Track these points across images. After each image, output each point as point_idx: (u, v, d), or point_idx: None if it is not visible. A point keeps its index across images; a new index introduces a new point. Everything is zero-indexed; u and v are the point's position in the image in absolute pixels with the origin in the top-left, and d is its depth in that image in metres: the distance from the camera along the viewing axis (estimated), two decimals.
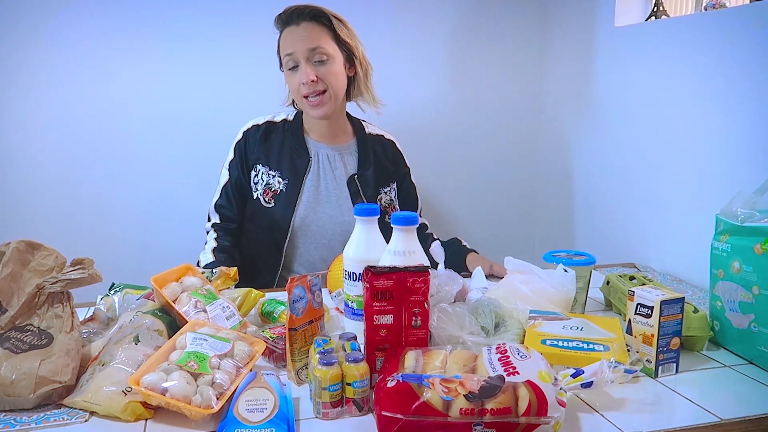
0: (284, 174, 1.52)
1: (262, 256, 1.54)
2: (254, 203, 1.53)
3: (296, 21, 1.47)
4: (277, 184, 1.51)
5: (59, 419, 0.85)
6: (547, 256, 1.27)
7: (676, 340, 0.98)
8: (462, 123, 2.18)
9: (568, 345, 0.98)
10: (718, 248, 1.09)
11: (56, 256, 0.98)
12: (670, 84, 1.60)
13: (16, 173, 1.85)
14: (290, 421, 0.82)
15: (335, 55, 1.48)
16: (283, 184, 1.51)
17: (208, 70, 1.92)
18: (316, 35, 1.46)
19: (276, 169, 1.53)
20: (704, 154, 1.49)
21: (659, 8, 1.74)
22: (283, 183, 1.51)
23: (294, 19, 1.47)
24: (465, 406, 0.76)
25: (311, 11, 1.47)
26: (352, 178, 1.55)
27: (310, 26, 1.47)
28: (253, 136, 1.56)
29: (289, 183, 1.52)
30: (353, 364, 0.86)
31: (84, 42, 1.83)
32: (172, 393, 0.83)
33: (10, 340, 0.90)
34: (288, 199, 1.51)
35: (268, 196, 1.52)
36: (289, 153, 1.54)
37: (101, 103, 1.87)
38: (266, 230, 1.52)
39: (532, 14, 2.16)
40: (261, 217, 1.53)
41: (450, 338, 1.00)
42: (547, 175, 2.23)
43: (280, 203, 1.51)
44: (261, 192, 1.52)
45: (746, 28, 1.37)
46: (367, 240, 1.09)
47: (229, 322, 1.06)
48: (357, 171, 1.56)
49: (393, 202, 1.62)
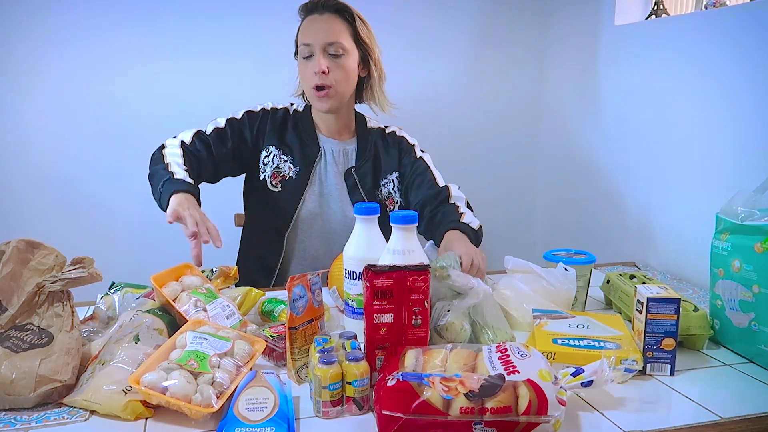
0: (296, 161, 1.52)
1: (263, 243, 1.53)
2: (259, 184, 1.52)
3: (320, 11, 1.47)
4: (288, 170, 1.51)
5: (59, 418, 0.85)
6: (548, 254, 1.27)
7: (670, 341, 0.97)
8: (462, 122, 2.18)
9: (579, 344, 0.98)
10: (719, 247, 1.09)
11: (56, 255, 0.98)
12: (670, 82, 1.60)
13: (16, 172, 1.85)
14: (290, 420, 0.82)
15: (351, 51, 1.48)
16: (293, 171, 1.51)
17: (209, 69, 1.93)
18: (337, 29, 1.46)
19: (288, 155, 1.52)
20: (704, 153, 1.49)
21: (659, 7, 1.74)
22: (294, 170, 1.51)
23: (318, 8, 1.47)
24: (465, 405, 0.76)
25: (336, 4, 1.47)
26: (350, 171, 1.55)
27: (332, 19, 1.47)
28: (273, 118, 1.55)
29: (299, 171, 1.51)
30: (353, 363, 0.86)
31: (84, 42, 1.83)
32: (172, 392, 0.83)
33: (10, 339, 0.90)
34: (297, 186, 1.51)
35: (275, 180, 1.51)
36: (300, 142, 1.53)
37: (101, 102, 1.87)
38: (269, 215, 1.52)
39: (532, 13, 2.16)
40: (265, 199, 1.52)
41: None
42: (547, 174, 2.23)
43: (287, 189, 1.51)
44: (269, 174, 1.51)
45: (747, 27, 1.37)
46: (367, 239, 1.09)
47: (229, 320, 1.06)
48: (354, 164, 1.56)
49: (392, 195, 1.59)
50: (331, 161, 1.55)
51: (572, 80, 2.05)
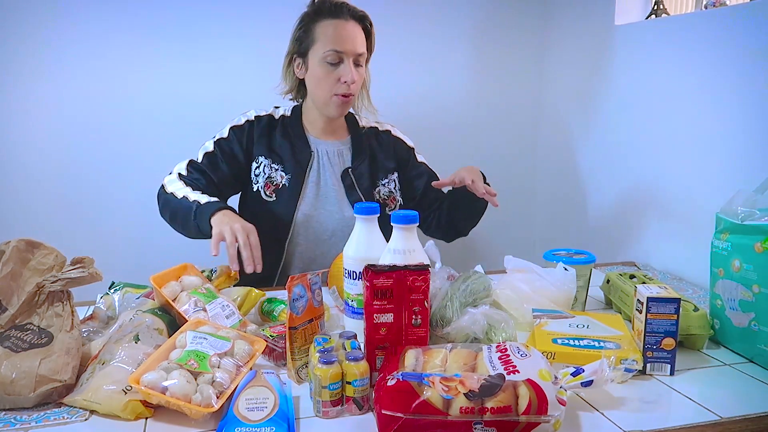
0: (287, 168, 1.51)
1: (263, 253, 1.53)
2: (253, 196, 1.52)
3: (345, 16, 1.45)
4: (280, 178, 1.50)
5: (59, 418, 0.85)
6: (548, 254, 1.27)
7: (670, 341, 0.97)
8: (462, 121, 2.18)
9: (579, 344, 0.98)
10: (719, 247, 1.09)
11: (56, 255, 0.98)
12: (670, 82, 1.60)
13: (16, 172, 1.85)
14: (290, 420, 0.82)
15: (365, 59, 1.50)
16: (285, 178, 1.50)
17: (209, 69, 1.93)
18: (360, 39, 1.46)
19: (278, 163, 1.51)
20: (704, 153, 1.49)
21: (659, 6, 1.74)
22: (286, 177, 1.50)
23: (343, 13, 1.45)
24: (465, 405, 0.76)
25: (360, 12, 1.47)
26: (346, 171, 1.55)
27: (357, 28, 1.46)
28: (257, 127, 1.53)
29: (292, 178, 1.51)
30: (353, 363, 0.86)
31: (84, 42, 1.83)
32: (172, 392, 0.83)
33: (10, 338, 0.90)
34: (291, 193, 1.50)
35: (269, 190, 1.50)
36: (290, 148, 1.52)
37: (101, 101, 1.87)
38: (267, 224, 1.51)
39: (532, 12, 2.16)
40: (261, 210, 1.51)
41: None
42: (547, 173, 2.23)
43: (282, 198, 1.50)
44: (262, 185, 1.51)
45: (746, 27, 1.37)
46: (367, 238, 1.09)
47: (228, 320, 1.06)
48: (351, 165, 1.56)
49: (393, 194, 1.60)
50: (326, 162, 1.54)
51: (572, 80, 2.05)
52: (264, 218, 1.51)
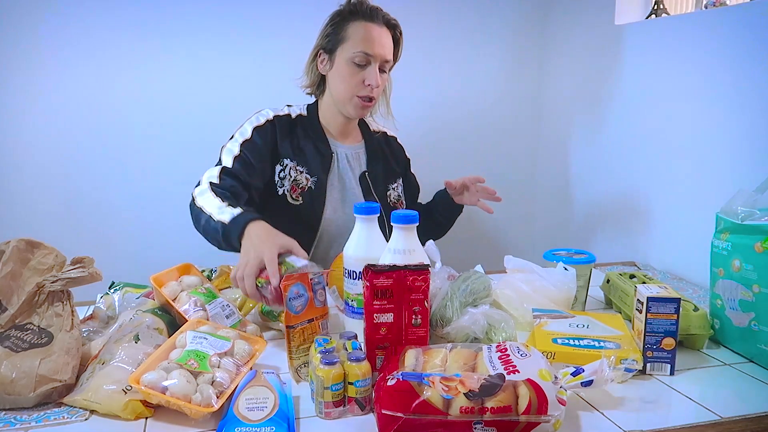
0: (312, 170, 1.48)
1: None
2: (278, 200, 1.47)
3: (378, 21, 1.45)
4: (305, 180, 1.47)
5: (59, 418, 0.85)
6: (548, 254, 1.27)
7: (670, 341, 0.97)
8: (462, 121, 2.17)
9: (579, 343, 0.98)
10: (719, 246, 1.09)
11: (56, 255, 0.98)
12: (670, 82, 1.60)
13: (16, 173, 1.85)
14: (290, 420, 0.82)
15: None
16: (311, 181, 1.47)
17: (209, 69, 1.92)
18: (390, 46, 1.47)
19: (303, 165, 1.48)
20: (705, 153, 1.49)
21: (659, 6, 1.74)
22: (311, 180, 1.48)
23: (377, 17, 1.45)
24: (465, 405, 0.76)
25: (393, 20, 1.48)
26: (363, 175, 1.55)
27: (388, 34, 1.46)
28: (279, 126, 1.49)
29: (317, 180, 1.48)
30: (355, 363, 0.86)
31: (83, 41, 1.83)
32: (172, 391, 0.83)
33: (10, 338, 0.90)
34: (317, 196, 1.48)
35: (295, 193, 1.46)
36: (312, 149, 1.49)
37: (101, 102, 1.87)
38: (294, 228, 1.35)
39: (532, 12, 2.16)
40: (287, 215, 1.46)
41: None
42: (547, 173, 2.23)
43: (308, 200, 1.47)
44: (288, 188, 1.46)
45: (746, 26, 1.37)
46: (367, 238, 1.09)
47: (228, 320, 1.06)
48: (366, 168, 1.56)
49: (401, 198, 1.62)
50: (345, 165, 1.54)
51: (572, 80, 2.05)
52: (291, 222, 1.41)
